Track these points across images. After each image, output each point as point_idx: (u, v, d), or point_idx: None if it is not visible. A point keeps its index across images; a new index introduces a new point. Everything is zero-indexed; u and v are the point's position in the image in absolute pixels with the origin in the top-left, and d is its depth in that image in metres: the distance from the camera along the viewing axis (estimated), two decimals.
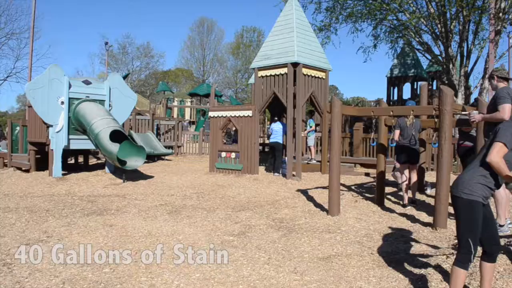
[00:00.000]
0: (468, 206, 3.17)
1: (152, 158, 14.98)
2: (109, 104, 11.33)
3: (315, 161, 12.95)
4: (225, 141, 13.26)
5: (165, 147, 16.61)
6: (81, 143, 11.05)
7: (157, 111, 26.73)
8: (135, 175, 10.78)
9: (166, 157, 16.15)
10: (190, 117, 29.97)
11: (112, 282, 3.97)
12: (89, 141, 10.82)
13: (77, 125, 10.78)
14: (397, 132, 7.58)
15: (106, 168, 11.34)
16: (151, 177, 10.93)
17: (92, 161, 14.28)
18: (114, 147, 9.86)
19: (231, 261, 4.57)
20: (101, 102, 11.20)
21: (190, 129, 26.54)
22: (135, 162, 10.20)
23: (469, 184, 3.19)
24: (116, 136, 10.10)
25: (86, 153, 13.06)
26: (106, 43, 40.85)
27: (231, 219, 6.57)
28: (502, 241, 4.85)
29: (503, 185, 5.54)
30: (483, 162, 3.20)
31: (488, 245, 3.26)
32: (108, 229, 5.87)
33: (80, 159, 13.57)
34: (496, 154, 3.08)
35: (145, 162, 11.83)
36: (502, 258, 4.22)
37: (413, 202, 7.53)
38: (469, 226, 3.17)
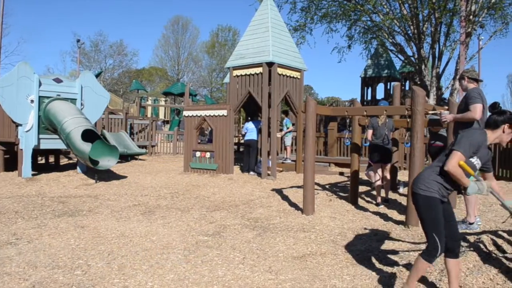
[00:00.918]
0: (426, 202, 3.28)
1: (125, 158, 14.79)
2: (81, 103, 11.11)
3: (290, 161, 13.02)
4: (199, 140, 13.17)
5: (139, 146, 16.42)
6: (51, 142, 10.81)
7: (130, 110, 26.42)
8: (107, 175, 10.61)
9: (140, 157, 15.96)
10: (164, 116, 29.73)
11: (84, 284, 3.89)
12: (60, 141, 10.60)
13: (47, 124, 10.54)
14: (370, 132, 7.67)
15: (78, 168, 11.13)
16: (124, 177, 10.77)
17: (64, 161, 13.99)
18: (86, 147, 9.68)
19: (205, 261, 4.54)
20: (73, 100, 10.98)
21: (164, 128, 26.31)
22: (107, 162, 10.04)
23: (426, 181, 3.31)
24: (88, 135, 9.92)
25: (57, 153, 12.78)
26: (78, 41, 39.99)
27: (205, 219, 6.53)
28: (472, 238, 4.97)
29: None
30: (442, 165, 3.27)
31: (449, 241, 3.33)
32: (80, 231, 5.75)
33: (51, 159, 13.26)
34: (454, 163, 3.16)
35: (118, 162, 11.67)
36: (471, 255, 4.31)
37: (385, 201, 7.64)
38: (431, 222, 3.27)
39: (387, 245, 5.06)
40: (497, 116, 3.33)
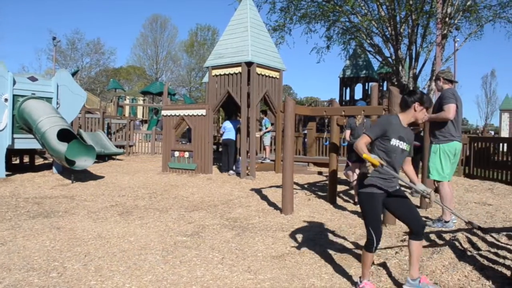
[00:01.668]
0: (366, 198, 3.55)
1: (102, 158, 14.60)
2: (57, 102, 10.92)
3: (269, 160, 13.03)
4: (183, 141, 13.09)
5: (116, 146, 16.23)
6: (26, 142, 10.59)
7: (108, 109, 26.12)
8: (84, 176, 10.46)
9: (118, 157, 15.77)
10: (143, 116, 29.45)
11: (60, 286, 3.82)
12: (35, 141, 10.39)
13: (22, 124, 10.32)
14: (348, 132, 7.74)
15: (54, 168, 10.93)
16: (102, 177, 10.63)
17: (39, 161, 13.71)
18: (62, 147, 9.52)
19: (184, 261, 4.51)
20: (48, 99, 10.78)
21: (142, 128, 26.07)
22: (84, 162, 9.89)
23: (366, 180, 3.54)
24: (64, 135, 9.76)
25: (32, 153, 12.53)
26: (54, 38, 39.35)
27: (184, 219, 6.49)
28: (447, 236, 5.06)
29: (446, 182, 5.78)
30: (373, 154, 3.48)
31: (412, 224, 3.56)
32: (56, 232, 5.65)
33: (26, 159, 12.98)
34: (361, 142, 3.45)
35: (95, 162, 11.51)
36: (447, 253, 4.39)
37: (356, 203, 7.63)
38: (369, 216, 3.53)
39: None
40: (407, 96, 3.60)
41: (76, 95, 11.43)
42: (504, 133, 22.73)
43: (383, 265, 4.24)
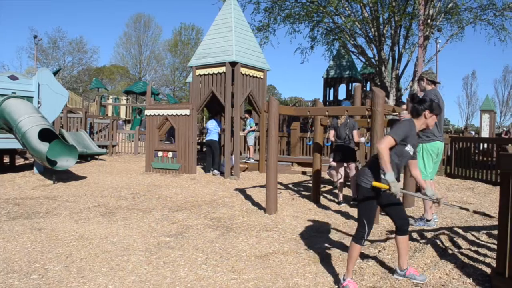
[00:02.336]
0: (366, 193, 3.69)
1: (85, 158, 14.44)
2: (38, 101, 10.77)
3: (253, 160, 13.04)
4: (168, 142, 13.00)
5: (99, 146, 16.06)
6: (6, 142, 10.42)
7: (90, 109, 25.83)
8: (66, 176, 10.32)
9: (100, 157, 15.61)
10: (126, 116, 29.20)
11: None
12: (15, 140, 10.22)
13: (2, 123, 10.15)
14: (332, 132, 7.78)
15: (35, 168, 10.77)
16: (84, 177, 10.51)
17: (19, 161, 13.50)
18: (43, 147, 9.38)
19: (167, 262, 4.48)
20: (29, 99, 10.62)
21: (125, 127, 25.85)
22: (66, 162, 9.77)
23: (368, 175, 3.72)
24: (46, 135, 9.62)
25: (12, 153, 12.32)
26: (35, 37, 38.71)
27: (168, 219, 6.45)
28: (429, 235, 5.13)
29: (429, 181, 5.86)
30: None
31: (398, 221, 3.81)
32: (37, 233, 5.57)
33: (6, 159, 12.76)
34: (383, 143, 3.56)
35: (77, 162, 11.37)
36: (429, 251, 4.45)
37: (354, 200, 7.63)
38: (365, 210, 3.71)
39: (348, 242, 5.13)
40: (418, 105, 3.79)
41: (58, 95, 11.28)
42: (484, 133, 23.10)
43: (366, 264, 4.28)
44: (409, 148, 3.75)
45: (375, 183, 3.60)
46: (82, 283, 3.90)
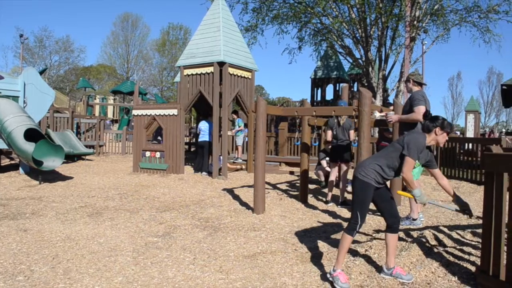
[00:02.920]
0: (362, 186, 3.83)
1: (71, 158, 14.31)
2: (24, 101, 10.67)
3: (241, 160, 13.05)
4: (156, 142, 12.93)
5: (86, 146, 15.93)
6: None
7: (77, 108, 25.61)
8: (52, 176, 10.23)
9: (87, 157, 15.48)
10: (113, 115, 29.01)
11: None
12: (1, 140, 10.10)
13: None
14: (329, 132, 7.81)
15: (20, 169, 10.66)
16: (71, 178, 10.42)
17: (5, 161, 13.32)
18: (29, 147, 9.29)
19: (155, 262, 4.47)
20: (15, 98, 10.51)
21: (112, 127, 25.67)
22: (52, 163, 9.68)
23: (366, 168, 3.86)
24: (32, 135, 9.52)
25: None
26: (21, 36, 38.28)
27: (155, 220, 6.43)
28: (415, 234, 5.19)
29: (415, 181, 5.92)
30: (386, 157, 3.88)
31: (389, 218, 3.92)
32: (22, 234, 5.51)
33: None
34: (408, 170, 3.74)
35: (64, 162, 11.27)
36: (414, 250, 4.50)
37: (343, 203, 7.50)
38: (360, 202, 3.83)
39: (336, 241, 5.17)
40: (430, 122, 3.93)
41: (44, 94, 11.18)
42: (469, 133, 23.41)
43: (354, 262, 4.31)
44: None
45: (400, 192, 3.97)
46: (69, 284, 3.87)
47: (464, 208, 3.89)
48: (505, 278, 3.34)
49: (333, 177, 7.82)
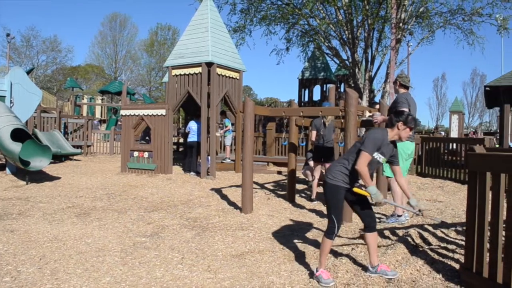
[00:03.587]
0: (331, 189, 3.90)
1: (59, 158, 14.21)
2: (11, 101, 10.57)
3: (229, 160, 13.08)
4: (144, 142, 12.88)
5: (74, 146, 15.82)
6: None
7: (64, 108, 25.42)
8: (39, 177, 10.16)
9: (75, 157, 15.38)
10: (101, 116, 28.83)
11: None
12: None
13: None
14: (314, 132, 7.88)
15: (7, 169, 10.56)
16: (58, 178, 10.36)
17: None
18: (16, 147, 9.22)
19: (143, 262, 4.49)
20: (1, 98, 10.41)
21: (100, 127, 25.51)
22: (39, 163, 9.61)
23: (333, 171, 3.94)
24: (19, 135, 9.45)
25: None
26: (8, 35, 37.83)
27: (143, 220, 6.44)
28: (400, 232, 5.27)
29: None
30: (349, 157, 3.92)
31: (366, 218, 4.01)
32: (9, 235, 5.49)
33: None
34: (362, 164, 3.74)
35: (51, 163, 11.19)
36: (400, 248, 4.57)
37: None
38: (333, 206, 3.90)
39: None
40: (394, 116, 4.00)
41: (31, 94, 11.09)
42: (454, 134, 23.70)
43: (340, 261, 4.37)
44: (377, 156, 3.90)
45: (356, 190, 3.81)
46: (56, 285, 3.87)
47: (418, 209, 3.96)
48: (488, 275, 3.41)
49: (317, 175, 7.90)
